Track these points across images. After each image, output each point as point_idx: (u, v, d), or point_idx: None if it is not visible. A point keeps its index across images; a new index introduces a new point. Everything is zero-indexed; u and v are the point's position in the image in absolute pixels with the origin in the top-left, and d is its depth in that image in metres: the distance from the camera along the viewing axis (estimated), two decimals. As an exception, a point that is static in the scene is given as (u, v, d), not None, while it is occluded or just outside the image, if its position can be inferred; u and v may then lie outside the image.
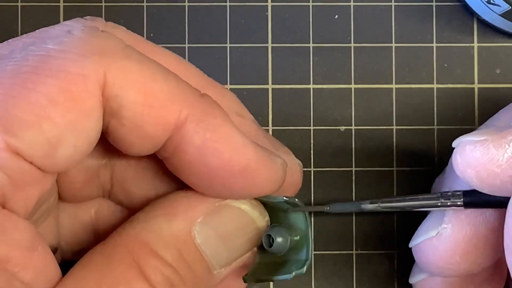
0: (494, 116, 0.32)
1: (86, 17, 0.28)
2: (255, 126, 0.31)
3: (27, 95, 0.24)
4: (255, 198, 0.29)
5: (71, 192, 0.30)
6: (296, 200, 0.30)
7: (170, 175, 0.29)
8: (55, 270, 0.26)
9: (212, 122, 0.27)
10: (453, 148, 0.29)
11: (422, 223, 0.31)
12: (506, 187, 0.27)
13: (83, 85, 0.25)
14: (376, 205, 0.31)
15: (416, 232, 0.31)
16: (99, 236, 0.32)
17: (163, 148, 0.27)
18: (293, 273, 0.30)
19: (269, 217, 0.30)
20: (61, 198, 0.30)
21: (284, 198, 0.30)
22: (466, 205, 0.29)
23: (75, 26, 0.27)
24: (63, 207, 0.31)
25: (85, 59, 0.25)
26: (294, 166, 0.31)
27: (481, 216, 0.30)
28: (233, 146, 0.27)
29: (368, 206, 0.31)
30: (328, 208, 0.31)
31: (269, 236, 0.30)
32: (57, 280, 0.26)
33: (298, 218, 0.30)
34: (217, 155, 0.27)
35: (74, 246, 0.32)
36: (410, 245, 0.31)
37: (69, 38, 0.26)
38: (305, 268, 0.30)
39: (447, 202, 0.29)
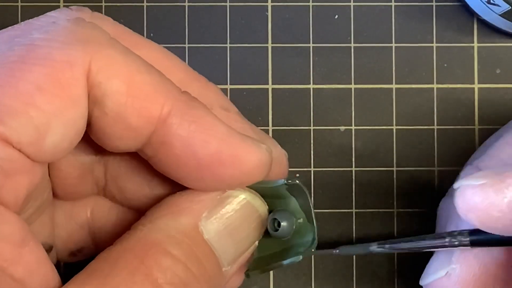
0: (498, 144, 0.31)
1: (72, 7, 0.29)
2: (240, 118, 0.31)
3: (15, 84, 0.24)
4: (253, 187, 0.29)
5: (65, 189, 0.30)
6: (297, 181, 0.30)
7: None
8: (50, 269, 0.26)
9: (195, 113, 0.27)
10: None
11: (431, 259, 0.32)
12: (509, 229, 0.27)
13: (69, 72, 0.25)
14: (383, 248, 0.31)
15: (426, 269, 0.31)
16: (95, 236, 0.32)
17: (149, 145, 0.27)
18: (301, 255, 0.30)
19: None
20: (55, 195, 0.30)
21: (284, 181, 0.30)
22: (473, 244, 0.29)
23: (60, 17, 0.27)
24: (59, 205, 0.31)
25: (71, 47, 0.25)
26: (280, 156, 0.31)
27: (489, 254, 0.30)
28: (219, 136, 0.27)
29: (376, 249, 0.31)
30: (337, 251, 0.31)
31: (273, 220, 0.29)
32: (53, 281, 0.26)
33: (300, 201, 0.30)
34: (204, 145, 0.27)
35: (70, 246, 0.32)
36: (420, 283, 0.31)
37: (55, 27, 0.26)
38: (313, 247, 0.30)
39: (455, 242, 0.30)
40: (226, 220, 0.28)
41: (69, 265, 0.32)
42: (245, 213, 0.29)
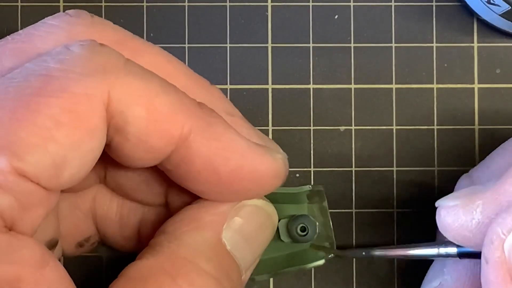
0: (492, 155, 0.32)
1: (70, 11, 0.28)
2: (244, 123, 0.31)
3: (32, 117, 0.24)
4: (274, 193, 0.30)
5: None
6: (321, 186, 0.31)
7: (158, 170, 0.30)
8: (70, 285, 0.26)
9: (215, 131, 0.27)
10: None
11: (430, 268, 0.33)
12: (480, 248, 0.28)
13: (87, 104, 0.25)
14: (379, 252, 0.32)
15: (424, 280, 0.32)
16: (99, 223, 0.32)
17: (168, 161, 0.27)
18: (324, 259, 0.31)
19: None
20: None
21: (309, 187, 0.31)
22: (460, 255, 0.30)
23: (71, 39, 0.27)
24: (62, 197, 0.31)
25: (89, 78, 0.25)
26: (285, 159, 0.31)
27: (477, 266, 0.30)
28: (239, 152, 0.27)
29: (376, 253, 0.32)
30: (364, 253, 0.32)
31: (296, 225, 0.30)
32: None
33: (319, 206, 0.31)
34: (225, 163, 0.27)
35: (77, 237, 0.32)
36: None
37: (70, 56, 0.26)
38: (333, 251, 0.31)
39: (444, 253, 0.30)
40: (244, 229, 0.29)
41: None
42: (261, 221, 0.30)
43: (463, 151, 0.38)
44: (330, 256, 0.31)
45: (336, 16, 0.38)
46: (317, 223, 0.31)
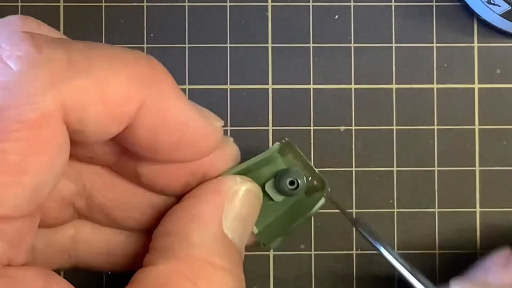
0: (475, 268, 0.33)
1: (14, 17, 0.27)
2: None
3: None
4: (249, 164, 0.30)
5: (44, 219, 0.30)
6: (286, 138, 0.31)
7: (148, 188, 0.30)
8: None
9: (165, 102, 0.27)
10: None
11: None
12: None
13: (48, 126, 0.24)
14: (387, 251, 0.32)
15: None
16: (78, 257, 0.32)
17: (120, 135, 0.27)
18: (323, 198, 0.31)
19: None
20: None
21: (278, 144, 0.31)
22: None
23: (5, 49, 0.25)
24: (38, 234, 0.30)
25: (40, 99, 0.24)
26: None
27: None
28: (183, 124, 0.27)
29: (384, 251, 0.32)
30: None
31: (285, 181, 0.30)
32: None
33: (294, 155, 0.31)
34: (168, 134, 0.27)
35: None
36: None
37: (12, 77, 0.24)
38: (328, 187, 0.31)
39: None
40: (239, 215, 0.29)
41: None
42: (251, 203, 0.30)
43: (463, 151, 0.38)
44: (326, 193, 0.31)
45: (336, 16, 0.38)
46: (300, 170, 0.31)
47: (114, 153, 0.29)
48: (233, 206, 0.29)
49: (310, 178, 0.31)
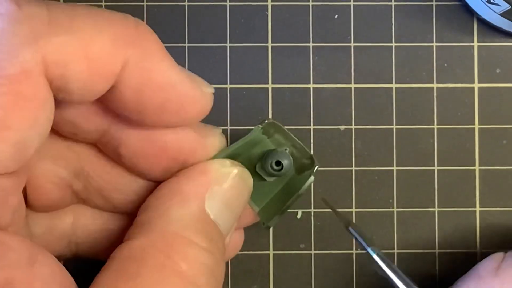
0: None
1: None
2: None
3: None
4: (233, 149, 0.31)
5: (43, 202, 0.30)
6: (270, 118, 0.31)
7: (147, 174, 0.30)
8: (65, 276, 0.26)
9: (150, 62, 0.27)
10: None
11: None
12: None
13: (29, 81, 0.24)
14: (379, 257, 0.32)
15: None
16: (78, 243, 0.31)
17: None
18: (312, 175, 0.31)
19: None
20: (33, 208, 0.30)
21: (259, 125, 0.31)
22: None
23: None
24: (36, 217, 0.30)
25: (20, 54, 0.24)
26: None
27: None
28: (168, 85, 0.27)
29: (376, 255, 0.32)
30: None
31: (270, 163, 0.31)
32: (71, 286, 0.26)
33: (280, 135, 0.31)
34: (153, 96, 0.27)
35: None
36: None
37: None
38: (317, 164, 0.31)
39: None
40: (224, 197, 0.29)
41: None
42: (239, 187, 0.30)
43: (463, 151, 0.38)
44: (315, 170, 0.31)
45: (336, 16, 0.38)
46: (287, 149, 0.31)
47: (97, 130, 0.29)
48: (219, 188, 0.29)
49: (296, 155, 0.31)
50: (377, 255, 0.32)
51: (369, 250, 0.32)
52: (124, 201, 0.31)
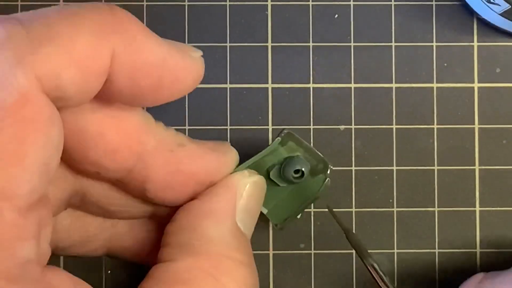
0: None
1: None
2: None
3: (12, 155, 0.23)
4: (257, 161, 0.31)
5: None
6: (285, 130, 0.32)
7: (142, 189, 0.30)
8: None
9: (137, 44, 0.26)
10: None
11: None
12: None
13: (31, 103, 0.24)
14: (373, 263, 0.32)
15: None
16: (58, 244, 0.31)
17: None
18: (328, 177, 0.32)
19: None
20: None
21: (279, 138, 0.32)
22: None
23: None
24: None
25: (14, 79, 0.23)
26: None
27: None
28: (160, 62, 0.27)
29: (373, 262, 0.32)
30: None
31: (288, 174, 0.31)
32: None
33: (294, 142, 0.32)
34: (147, 77, 0.27)
35: None
36: None
37: None
38: (331, 165, 0.32)
39: None
40: (248, 207, 0.30)
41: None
42: (258, 195, 0.31)
43: (463, 151, 0.38)
44: (329, 172, 0.32)
45: (336, 16, 0.38)
46: (301, 157, 0.32)
47: (123, 169, 0.29)
48: (242, 199, 0.29)
49: (312, 162, 0.32)
50: (372, 267, 0.32)
51: (365, 262, 0.32)
52: (120, 212, 0.31)
